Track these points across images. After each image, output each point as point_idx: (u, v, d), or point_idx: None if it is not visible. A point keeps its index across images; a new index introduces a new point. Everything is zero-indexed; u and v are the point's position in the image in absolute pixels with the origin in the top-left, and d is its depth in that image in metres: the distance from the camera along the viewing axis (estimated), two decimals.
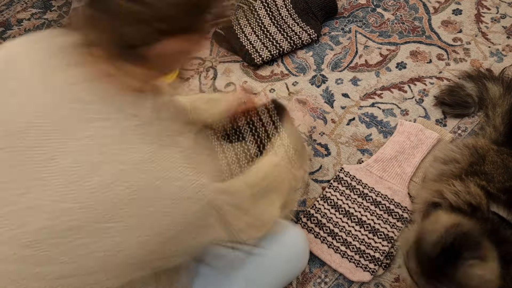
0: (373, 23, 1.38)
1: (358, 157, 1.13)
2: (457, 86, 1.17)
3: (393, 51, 1.32)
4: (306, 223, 1.03)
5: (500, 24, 1.36)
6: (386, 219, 1.02)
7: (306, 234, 1.01)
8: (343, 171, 1.09)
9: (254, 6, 1.35)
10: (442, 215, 0.81)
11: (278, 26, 1.32)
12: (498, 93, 1.09)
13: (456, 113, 1.17)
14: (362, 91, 1.24)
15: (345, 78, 1.27)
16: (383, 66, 1.29)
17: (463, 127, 1.17)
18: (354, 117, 1.20)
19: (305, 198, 1.08)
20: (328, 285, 0.97)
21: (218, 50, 1.35)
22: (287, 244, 0.84)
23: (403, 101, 1.22)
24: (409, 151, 1.11)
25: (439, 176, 0.98)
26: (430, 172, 1.03)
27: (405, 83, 1.25)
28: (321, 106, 1.22)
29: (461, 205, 0.85)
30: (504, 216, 0.82)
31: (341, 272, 0.97)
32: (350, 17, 1.40)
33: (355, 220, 1.02)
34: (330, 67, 1.30)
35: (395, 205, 1.04)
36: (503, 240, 0.79)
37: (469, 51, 1.29)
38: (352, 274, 0.95)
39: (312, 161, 1.13)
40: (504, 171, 0.89)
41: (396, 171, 1.08)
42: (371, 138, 1.16)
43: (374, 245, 0.98)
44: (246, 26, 1.32)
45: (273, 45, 1.29)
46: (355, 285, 0.97)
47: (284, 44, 1.29)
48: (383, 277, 0.97)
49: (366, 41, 1.34)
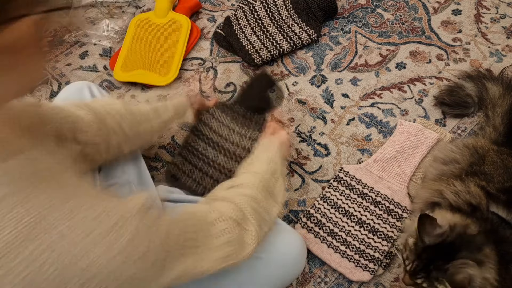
0: (372, 24, 1.38)
1: (358, 157, 1.13)
2: (457, 86, 1.17)
3: (393, 51, 1.32)
4: (306, 222, 1.03)
5: (499, 24, 1.36)
6: (385, 219, 1.02)
7: (306, 234, 1.01)
8: (343, 171, 1.10)
9: (254, 6, 1.35)
10: (447, 213, 0.82)
11: (278, 27, 1.32)
12: (497, 93, 1.09)
13: (456, 113, 1.17)
14: (362, 91, 1.25)
15: (344, 78, 1.27)
16: (383, 66, 1.29)
17: (463, 127, 1.17)
18: (354, 117, 1.20)
19: (305, 198, 1.08)
20: (328, 284, 0.97)
21: (218, 50, 1.35)
22: (283, 248, 0.83)
23: (403, 101, 1.22)
24: (409, 151, 1.11)
25: (439, 176, 0.98)
26: (430, 172, 1.04)
27: (404, 83, 1.25)
28: (321, 106, 1.22)
29: (461, 205, 0.85)
30: (503, 216, 0.82)
31: (340, 272, 0.97)
32: (350, 17, 1.40)
33: (355, 219, 1.02)
34: (330, 67, 1.30)
35: (394, 205, 1.04)
36: (502, 240, 0.79)
37: (469, 51, 1.29)
38: (351, 273, 0.96)
39: (312, 161, 1.13)
40: (504, 172, 0.89)
41: (396, 171, 1.09)
42: (370, 138, 1.16)
43: (373, 245, 0.99)
44: (246, 26, 1.32)
45: (273, 45, 1.29)
46: (354, 285, 0.97)
47: (284, 44, 1.29)
48: (382, 277, 0.97)
49: (366, 41, 1.34)
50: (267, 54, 1.28)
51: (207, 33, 1.39)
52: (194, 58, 1.34)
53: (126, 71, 1.28)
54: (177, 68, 1.28)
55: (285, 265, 0.83)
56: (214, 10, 1.45)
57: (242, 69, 1.31)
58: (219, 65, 1.32)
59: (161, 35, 1.34)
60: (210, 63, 1.33)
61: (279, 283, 0.84)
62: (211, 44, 1.37)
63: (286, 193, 0.86)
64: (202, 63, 1.33)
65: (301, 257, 0.86)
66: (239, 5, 1.39)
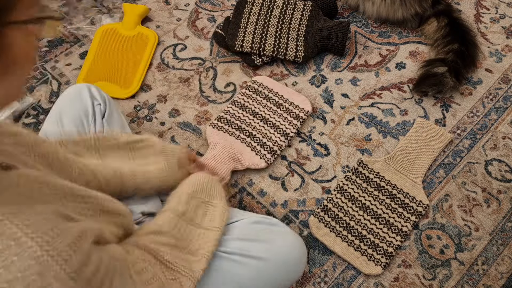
0: (372, 24, 1.38)
1: (357, 157, 1.14)
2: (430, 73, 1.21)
3: (393, 51, 1.32)
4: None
5: (499, 24, 1.36)
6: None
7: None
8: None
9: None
10: None
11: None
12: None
13: (435, 91, 1.21)
14: (362, 91, 1.25)
15: (344, 78, 1.27)
16: (383, 66, 1.29)
17: (463, 127, 1.17)
18: (354, 117, 1.20)
19: (305, 197, 1.08)
20: (328, 284, 0.97)
21: (218, 50, 1.35)
22: (283, 250, 0.82)
23: (403, 101, 1.22)
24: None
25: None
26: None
27: (404, 83, 1.26)
28: (321, 106, 1.22)
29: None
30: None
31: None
32: (350, 17, 1.40)
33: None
34: (330, 67, 1.30)
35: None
36: None
37: None
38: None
39: (311, 161, 1.14)
40: None
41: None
42: (370, 138, 1.17)
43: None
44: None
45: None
46: (354, 285, 0.97)
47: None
48: (382, 277, 0.97)
49: (366, 41, 1.34)
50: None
51: (207, 33, 1.39)
52: (194, 58, 1.34)
53: (89, 81, 1.24)
54: (139, 82, 1.27)
55: (286, 266, 0.82)
56: (214, 10, 1.45)
57: (242, 69, 1.31)
58: (219, 65, 1.32)
59: (127, 47, 1.33)
60: (210, 63, 1.33)
61: (280, 285, 0.84)
62: (211, 44, 1.37)
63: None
64: (202, 63, 1.33)
65: (301, 258, 0.85)
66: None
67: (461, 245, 1.01)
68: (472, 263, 0.99)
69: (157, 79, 1.30)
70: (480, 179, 1.09)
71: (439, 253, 1.00)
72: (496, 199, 1.06)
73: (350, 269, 0.99)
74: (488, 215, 1.04)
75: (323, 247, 1.01)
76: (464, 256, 0.99)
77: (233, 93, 1.26)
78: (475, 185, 1.09)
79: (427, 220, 1.04)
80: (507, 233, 1.02)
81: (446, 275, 0.97)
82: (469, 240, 1.01)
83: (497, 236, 1.02)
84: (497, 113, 1.20)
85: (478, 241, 1.01)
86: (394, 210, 1.04)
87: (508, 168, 1.11)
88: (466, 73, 1.23)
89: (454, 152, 1.14)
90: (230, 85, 1.28)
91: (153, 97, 1.26)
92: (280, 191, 1.09)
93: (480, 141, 1.15)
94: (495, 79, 1.25)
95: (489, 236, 1.02)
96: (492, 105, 1.21)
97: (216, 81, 1.29)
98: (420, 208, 1.04)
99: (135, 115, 1.23)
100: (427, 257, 1.00)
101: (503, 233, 1.02)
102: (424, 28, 1.32)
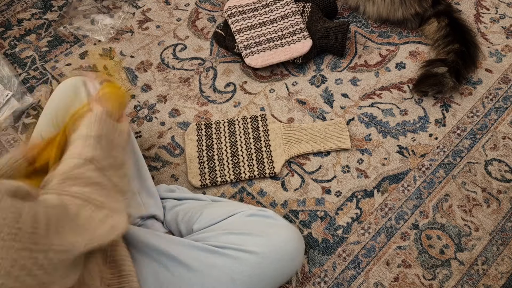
0: (372, 24, 1.38)
1: (357, 156, 1.14)
2: (430, 73, 1.21)
3: (393, 51, 1.32)
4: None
5: (499, 24, 1.36)
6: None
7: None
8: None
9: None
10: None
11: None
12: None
13: (435, 91, 1.21)
14: (362, 91, 1.25)
15: (344, 78, 1.27)
16: (383, 66, 1.29)
17: (462, 127, 1.17)
18: (354, 117, 1.20)
19: (305, 197, 1.08)
20: (328, 284, 0.97)
21: (218, 50, 1.35)
22: (278, 243, 0.82)
23: (402, 101, 1.22)
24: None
25: None
26: None
27: (404, 83, 1.26)
28: (321, 106, 1.23)
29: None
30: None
31: (290, 57, 1.23)
32: (350, 17, 1.40)
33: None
34: (330, 67, 1.30)
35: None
36: None
37: None
38: (299, 50, 1.20)
39: (311, 161, 1.14)
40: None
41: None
42: (370, 138, 1.17)
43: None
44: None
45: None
46: (354, 285, 0.97)
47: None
48: (382, 277, 0.98)
49: (366, 41, 1.34)
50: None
51: (207, 33, 1.40)
52: (194, 58, 1.34)
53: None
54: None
55: (281, 260, 0.82)
56: (214, 10, 1.45)
57: (242, 69, 1.31)
58: (219, 65, 1.32)
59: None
60: (210, 63, 1.33)
61: (276, 279, 0.83)
62: (210, 44, 1.37)
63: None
64: (202, 63, 1.33)
65: (298, 252, 0.85)
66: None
67: (461, 245, 1.01)
68: (472, 263, 0.99)
69: (157, 79, 1.30)
70: (480, 179, 1.09)
71: (439, 253, 1.00)
72: (496, 199, 1.06)
73: (350, 269, 0.99)
74: (488, 215, 1.04)
75: (323, 247, 1.01)
76: (464, 256, 0.99)
77: (233, 93, 1.26)
78: (475, 185, 1.09)
79: (427, 220, 1.04)
80: (507, 233, 1.02)
81: (446, 275, 0.97)
82: (469, 240, 1.01)
83: (497, 236, 1.02)
84: (497, 113, 1.20)
85: (478, 241, 1.01)
86: (250, 156, 1.12)
87: (508, 168, 1.11)
88: (466, 74, 1.23)
89: (454, 152, 1.14)
90: (230, 85, 1.28)
91: (153, 97, 1.26)
92: (280, 191, 1.09)
93: (480, 141, 1.15)
94: (495, 79, 1.25)
95: (489, 236, 1.02)
96: (492, 105, 1.21)
97: (216, 81, 1.29)
98: (268, 170, 1.10)
99: (135, 115, 1.23)
100: (427, 257, 1.00)
101: (503, 233, 1.02)
102: (424, 28, 1.32)
